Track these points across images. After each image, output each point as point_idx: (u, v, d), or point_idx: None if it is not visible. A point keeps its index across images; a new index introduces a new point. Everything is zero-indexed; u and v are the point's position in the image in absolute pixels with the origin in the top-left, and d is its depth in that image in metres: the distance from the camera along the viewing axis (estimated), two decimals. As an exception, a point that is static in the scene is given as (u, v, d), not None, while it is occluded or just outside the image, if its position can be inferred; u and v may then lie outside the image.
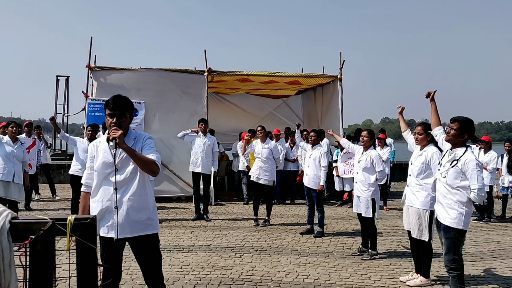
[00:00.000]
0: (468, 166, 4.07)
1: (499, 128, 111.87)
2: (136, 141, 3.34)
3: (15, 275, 1.69)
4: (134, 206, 3.23)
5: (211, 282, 5.06)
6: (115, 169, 3.22)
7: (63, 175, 13.96)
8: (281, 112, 15.27)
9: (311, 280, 5.18)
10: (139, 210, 3.25)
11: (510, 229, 8.28)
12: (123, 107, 3.26)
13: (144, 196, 3.30)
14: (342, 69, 11.74)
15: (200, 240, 7.03)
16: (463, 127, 4.17)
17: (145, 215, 3.28)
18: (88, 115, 10.30)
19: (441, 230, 4.24)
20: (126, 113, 3.28)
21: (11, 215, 1.69)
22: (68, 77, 19.28)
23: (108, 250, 3.26)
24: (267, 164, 8.27)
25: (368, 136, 6.27)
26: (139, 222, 3.25)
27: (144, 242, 3.30)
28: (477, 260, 6.09)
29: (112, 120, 3.22)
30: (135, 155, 3.17)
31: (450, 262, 4.14)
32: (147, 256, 3.34)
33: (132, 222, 3.23)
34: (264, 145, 8.37)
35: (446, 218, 4.17)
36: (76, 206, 7.94)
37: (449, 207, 4.17)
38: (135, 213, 3.23)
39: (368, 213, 6.10)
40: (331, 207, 10.45)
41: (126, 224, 3.21)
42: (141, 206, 3.26)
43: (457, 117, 4.24)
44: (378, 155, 6.28)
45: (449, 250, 4.14)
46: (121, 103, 3.27)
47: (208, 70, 10.93)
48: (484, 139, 9.20)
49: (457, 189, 4.14)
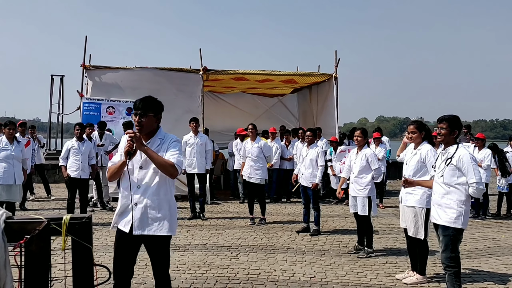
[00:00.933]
0: (463, 161, 4.08)
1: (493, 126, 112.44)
2: (163, 141, 3.38)
3: (10, 275, 1.67)
4: (153, 205, 3.27)
5: (207, 281, 5.05)
6: (139, 167, 3.30)
7: (58, 175, 13.90)
8: (277, 110, 15.28)
9: (307, 278, 5.19)
10: (158, 210, 3.28)
11: (505, 227, 8.32)
12: (147, 107, 3.31)
13: (164, 196, 3.33)
14: (337, 68, 11.76)
15: (196, 239, 7.02)
16: (452, 124, 4.22)
17: (163, 215, 3.30)
18: (83, 115, 10.27)
19: (439, 228, 4.24)
20: (150, 113, 3.31)
21: (6, 215, 1.68)
22: (63, 77, 19.22)
23: (122, 245, 3.31)
24: (258, 163, 8.30)
25: (361, 135, 6.28)
26: (157, 221, 3.28)
27: (159, 242, 3.33)
28: (472, 258, 6.11)
29: (136, 119, 3.29)
30: (153, 157, 3.21)
31: (447, 260, 4.15)
32: (160, 257, 3.38)
33: (150, 220, 3.27)
34: (254, 144, 8.39)
35: (445, 218, 4.14)
36: (72, 206, 7.93)
37: (448, 207, 4.15)
38: (153, 212, 3.27)
39: (364, 211, 6.11)
40: (327, 205, 10.47)
41: (144, 222, 3.26)
42: (159, 206, 3.29)
43: (443, 116, 4.28)
44: (373, 153, 6.30)
45: (447, 247, 4.15)
46: (146, 103, 3.33)
47: (203, 69, 10.91)
48: (479, 137, 9.24)
49: (455, 187, 4.14)
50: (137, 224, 3.25)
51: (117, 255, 3.32)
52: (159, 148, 3.34)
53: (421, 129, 5.09)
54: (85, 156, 8.08)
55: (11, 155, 7.01)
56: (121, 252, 3.31)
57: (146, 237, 3.28)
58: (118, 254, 3.32)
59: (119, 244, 3.33)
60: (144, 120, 3.29)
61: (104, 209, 9.56)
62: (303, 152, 7.72)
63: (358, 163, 6.24)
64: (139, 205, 3.26)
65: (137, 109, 3.31)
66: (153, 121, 3.35)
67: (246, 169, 8.41)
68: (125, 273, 3.32)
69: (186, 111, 10.61)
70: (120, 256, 3.31)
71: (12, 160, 7.02)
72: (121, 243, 3.31)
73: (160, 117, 3.44)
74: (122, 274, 3.29)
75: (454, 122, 4.24)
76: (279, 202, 10.98)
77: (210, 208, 9.76)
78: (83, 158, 8.01)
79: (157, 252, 3.36)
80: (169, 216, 3.33)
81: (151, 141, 3.36)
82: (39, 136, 11.46)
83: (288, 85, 13.63)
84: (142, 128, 3.30)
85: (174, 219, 3.41)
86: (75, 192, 8.04)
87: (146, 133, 3.34)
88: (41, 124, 50.87)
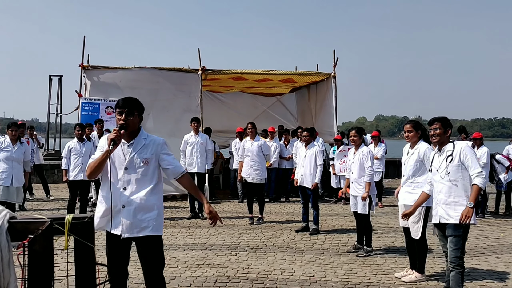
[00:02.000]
0: (466, 152, 4.13)
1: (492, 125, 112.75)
2: (148, 142, 3.36)
3: (14, 274, 1.69)
4: (141, 206, 3.25)
5: (207, 280, 5.06)
6: (124, 168, 3.27)
7: (57, 175, 13.89)
8: (275, 110, 15.27)
9: (306, 277, 5.20)
10: (146, 211, 3.25)
11: (504, 225, 8.35)
12: (132, 106, 3.30)
13: (152, 197, 3.30)
14: (335, 67, 11.77)
15: (195, 238, 7.03)
16: (444, 124, 4.32)
17: (152, 216, 3.27)
18: (82, 115, 10.27)
19: (449, 228, 4.20)
20: (135, 112, 3.30)
21: (10, 215, 1.69)
22: (61, 77, 19.19)
23: (113, 247, 3.29)
24: (257, 162, 8.33)
25: (356, 135, 6.30)
26: (145, 223, 3.25)
27: (148, 243, 3.29)
28: (471, 256, 6.13)
29: (121, 118, 3.26)
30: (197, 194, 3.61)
31: (457, 259, 4.14)
32: (150, 257, 3.32)
33: (138, 222, 3.23)
34: (253, 142, 8.42)
35: (456, 216, 4.11)
36: (73, 206, 7.94)
37: (458, 204, 4.13)
38: (142, 213, 3.24)
39: (364, 210, 6.13)
40: (326, 204, 10.48)
41: (132, 224, 3.23)
42: (148, 207, 3.26)
43: (435, 118, 4.39)
44: (370, 151, 6.31)
45: (457, 247, 4.14)
46: (130, 102, 3.32)
47: (202, 69, 10.92)
48: (476, 136, 9.27)
49: (462, 182, 4.14)
50: (126, 227, 3.22)
51: (110, 257, 3.30)
52: (144, 149, 3.31)
53: (418, 128, 5.11)
54: (86, 157, 8.04)
55: (11, 157, 7.02)
56: (113, 254, 3.30)
57: (136, 238, 3.26)
58: (110, 256, 3.30)
59: (111, 246, 3.30)
60: (130, 119, 3.26)
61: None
62: (301, 153, 7.73)
63: (356, 163, 6.26)
64: (127, 207, 3.23)
65: (122, 107, 3.27)
66: (137, 120, 3.34)
67: (245, 169, 8.43)
68: (120, 274, 3.30)
69: (185, 110, 10.63)
70: (113, 258, 3.29)
71: (12, 162, 7.03)
72: (112, 246, 3.29)
73: (142, 118, 3.43)
74: (117, 275, 3.27)
75: (445, 121, 4.35)
76: (278, 202, 10.99)
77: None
78: (84, 160, 7.97)
79: (149, 253, 3.32)
80: (156, 216, 3.30)
81: (135, 141, 3.33)
82: (37, 137, 11.47)
83: (287, 85, 13.64)
84: (128, 127, 3.26)
85: (161, 219, 3.39)
86: (77, 193, 8.04)
87: (129, 132, 3.31)
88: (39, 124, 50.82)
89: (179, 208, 9.76)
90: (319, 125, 12.32)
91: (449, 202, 4.20)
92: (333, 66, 11.76)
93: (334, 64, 11.75)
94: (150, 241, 3.29)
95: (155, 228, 3.29)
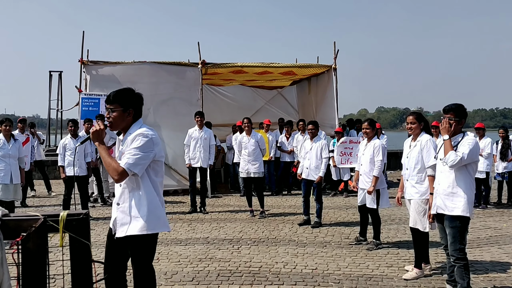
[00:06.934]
0: (464, 142, 4.08)
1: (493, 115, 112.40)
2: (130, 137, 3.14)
3: (7, 273, 1.65)
4: (128, 205, 3.10)
5: (209, 274, 5.05)
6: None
7: (58, 171, 13.83)
8: (276, 103, 15.23)
9: (309, 270, 5.18)
10: (136, 209, 3.08)
11: (507, 216, 8.31)
12: (114, 100, 3.12)
13: (138, 196, 3.11)
14: (336, 59, 11.70)
15: (197, 233, 7.01)
16: (458, 113, 4.17)
17: (141, 214, 3.07)
18: (82, 110, 10.23)
19: (445, 220, 4.18)
20: (117, 107, 3.11)
21: (2, 212, 1.66)
22: (61, 72, 19.18)
23: (109, 243, 3.23)
24: (254, 156, 8.34)
25: (369, 127, 6.12)
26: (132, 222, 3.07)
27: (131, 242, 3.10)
28: (474, 247, 6.10)
29: (106, 114, 3.18)
30: (103, 155, 3.06)
31: (457, 252, 4.10)
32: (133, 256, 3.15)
33: (126, 220, 3.09)
34: (250, 137, 8.41)
35: (452, 207, 4.10)
36: (68, 202, 7.91)
37: (456, 195, 4.10)
38: (131, 211, 3.08)
39: (372, 204, 5.99)
40: (328, 197, 10.45)
41: (120, 222, 3.11)
42: (138, 205, 3.09)
43: (449, 106, 4.21)
44: (382, 144, 6.19)
45: (455, 239, 4.10)
46: (116, 97, 3.14)
47: (202, 63, 10.86)
48: (478, 126, 9.22)
49: (463, 173, 4.10)
50: (116, 224, 3.11)
51: (106, 250, 3.25)
52: (126, 145, 3.12)
53: (420, 120, 5.04)
54: (80, 153, 7.99)
55: (8, 154, 6.98)
56: (109, 247, 3.23)
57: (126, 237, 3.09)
58: (107, 249, 3.25)
59: (108, 240, 3.25)
60: (113, 115, 3.11)
61: (105, 205, 9.56)
62: (307, 146, 7.67)
63: (367, 155, 6.10)
64: (120, 204, 3.13)
65: (106, 103, 3.15)
66: (123, 115, 3.12)
67: (243, 165, 8.45)
68: (115, 267, 3.19)
69: (185, 104, 10.59)
70: (108, 251, 3.23)
71: (9, 159, 6.98)
72: (109, 239, 3.23)
73: (132, 112, 3.16)
74: (112, 268, 3.17)
75: (460, 110, 4.19)
76: (280, 195, 10.97)
77: (211, 202, 9.76)
78: (78, 156, 7.92)
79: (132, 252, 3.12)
80: (147, 215, 3.08)
81: (124, 137, 3.17)
82: (38, 133, 11.44)
83: (287, 77, 13.57)
84: (112, 125, 3.12)
85: (152, 217, 3.11)
86: (72, 189, 7.95)
87: (120, 129, 3.18)
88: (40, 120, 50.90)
89: (180, 203, 9.75)
90: (320, 117, 12.24)
91: (447, 192, 4.17)
92: (334, 58, 11.68)
93: (334, 56, 11.67)
94: (135, 240, 3.09)
95: (147, 227, 3.08)
